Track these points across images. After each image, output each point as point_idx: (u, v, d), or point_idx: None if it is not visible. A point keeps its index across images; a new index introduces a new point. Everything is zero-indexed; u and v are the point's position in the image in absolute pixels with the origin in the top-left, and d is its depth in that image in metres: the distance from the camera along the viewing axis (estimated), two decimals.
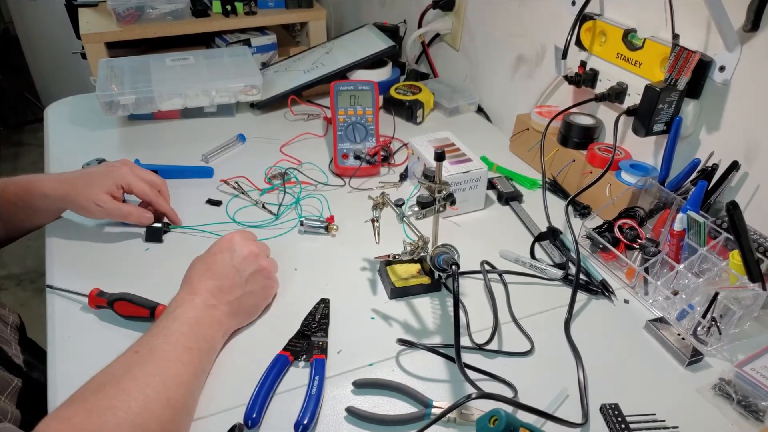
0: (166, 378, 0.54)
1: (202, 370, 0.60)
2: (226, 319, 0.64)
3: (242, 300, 0.66)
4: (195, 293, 0.63)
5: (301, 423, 0.56)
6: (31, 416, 0.65)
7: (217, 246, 0.68)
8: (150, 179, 0.82)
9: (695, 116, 0.80)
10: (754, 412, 0.60)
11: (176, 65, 1.19)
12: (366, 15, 1.77)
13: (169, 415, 0.52)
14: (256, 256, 0.69)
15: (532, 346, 0.68)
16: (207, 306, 0.63)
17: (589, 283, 0.77)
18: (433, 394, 0.60)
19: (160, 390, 0.53)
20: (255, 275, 0.68)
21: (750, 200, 0.76)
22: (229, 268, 0.66)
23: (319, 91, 1.25)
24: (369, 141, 1.00)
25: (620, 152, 0.90)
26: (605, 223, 0.82)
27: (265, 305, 0.71)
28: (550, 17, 1.03)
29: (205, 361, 0.61)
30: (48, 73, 2.84)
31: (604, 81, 0.92)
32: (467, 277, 0.78)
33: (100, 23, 1.52)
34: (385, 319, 0.71)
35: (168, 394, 0.53)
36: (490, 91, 1.26)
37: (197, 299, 0.63)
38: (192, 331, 0.60)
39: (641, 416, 0.59)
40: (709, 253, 0.71)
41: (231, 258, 0.67)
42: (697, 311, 0.67)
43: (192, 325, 0.60)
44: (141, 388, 0.52)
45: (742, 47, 0.72)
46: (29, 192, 0.76)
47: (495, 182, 0.96)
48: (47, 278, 0.75)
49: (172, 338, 0.58)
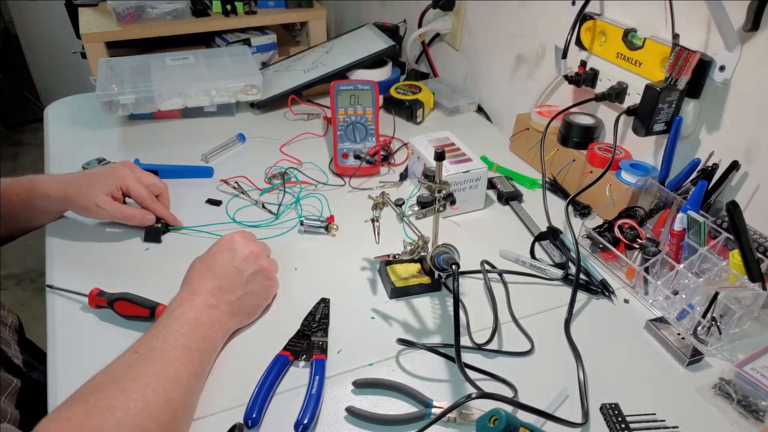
0: (166, 378, 0.54)
1: (202, 370, 0.60)
2: (227, 319, 0.64)
3: (243, 300, 0.66)
4: (195, 293, 0.63)
5: (301, 423, 0.56)
6: (30, 417, 0.65)
7: (217, 246, 0.68)
8: (150, 182, 0.82)
9: (695, 116, 0.80)
10: (755, 412, 0.60)
11: (176, 65, 1.19)
12: (366, 15, 1.77)
13: (168, 415, 0.52)
14: (256, 257, 0.68)
15: (532, 345, 0.68)
16: (207, 306, 0.63)
17: (589, 282, 0.77)
18: (433, 394, 0.60)
19: (160, 390, 0.53)
20: (255, 275, 0.67)
21: (750, 200, 0.76)
22: (229, 268, 0.66)
23: (319, 91, 1.24)
24: (369, 141, 1.00)
25: (620, 152, 0.90)
26: (605, 223, 0.82)
27: (265, 305, 0.71)
28: (550, 17, 1.03)
29: (205, 361, 0.61)
30: (48, 72, 2.84)
31: (604, 81, 0.92)
32: (467, 277, 0.78)
33: (100, 23, 1.52)
34: (385, 319, 0.71)
35: (167, 395, 0.53)
36: (490, 90, 1.26)
37: (197, 299, 0.62)
38: (192, 331, 0.60)
39: (641, 416, 0.59)
40: (709, 253, 0.71)
41: (231, 258, 0.67)
42: (697, 311, 0.67)
43: (192, 326, 0.60)
44: (140, 389, 0.52)
45: (742, 47, 0.72)
46: (31, 192, 0.76)
47: (495, 182, 0.96)
48: (47, 278, 0.75)
49: (172, 338, 0.58)
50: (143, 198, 0.80)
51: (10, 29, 3.24)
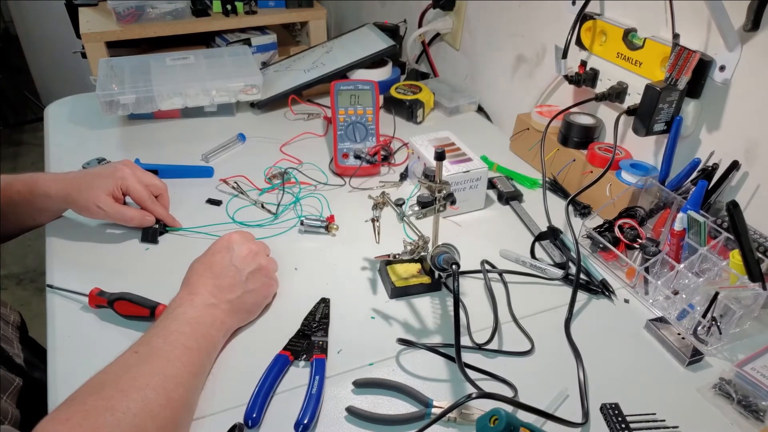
0: (166, 378, 0.54)
1: (202, 369, 0.60)
2: (227, 317, 0.64)
3: (242, 298, 0.66)
4: (195, 293, 0.63)
5: (301, 422, 0.56)
6: (32, 416, 0.65)
7: (215, 246, 0.69)
8: (150, 183, 0.82)
9: (695, 116, 0.80)
10: (755, 411, 0.60)
11: (176, 65, 1.19)
12: (366, 14, 1.77)
13: (168, 415, 0.52)
14: (255, 255, 0.69)
15: (532, 345, 0.68)
16: (207, 305, 0.63)
17: (590, 282, 0.77)
18: (433, 394, 0.60)
19: (160, 390, 0.53)
20: (255, 273, 0.67)
21: (750, 200, 0.76)
22: (228, 267, 0.66)
23: (319, 91, 1.24)
24: (369, 140, 1.00)
25: (620, 152, 0.90)
26: (605, 223, 0.82)
27: (265, 304, 0.70)
28: (550, 17, 1.03)
29: (205, 360, 0.61)
30: (48, 72, 2.84)
31: (604, 80, 0.92)
32: (467, 277, 0.78)
33: (100, 23, 1.52)
34: (386, 319, 0.71)
35: (167, 395, 0.53)
36: (490, 90, 1.26)
37: (197, 299, 0.62)
38: (192, 330, 0.60)
39: (641, 416, 0.59)
40: (710, 253, 0.71)
41: (230, 257, 0.67)
42: (698, 311, 0.67)
43: (192, 325, 0.60)
44: (140, 389, 0.52)
45: (742, 47, 0.72)
46: (32, 191, 0.77)
47: (495, 182, 0.96)
48: (47, 278, 0.75)
49: (172, 338, 0.58)
50: (143, 199, 0.80)
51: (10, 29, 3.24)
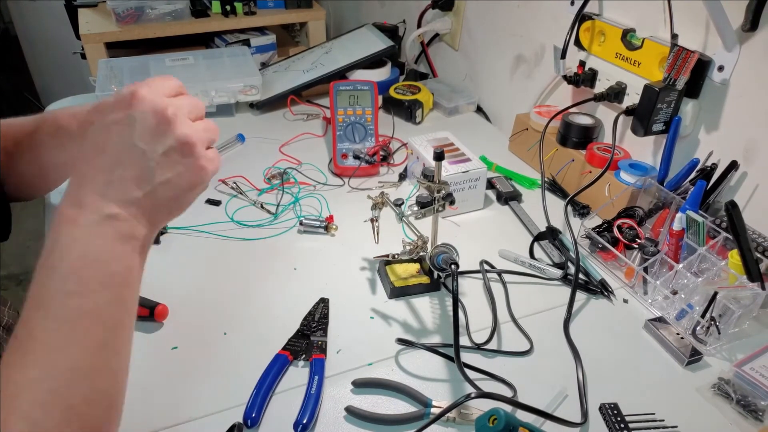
0: (58, 377, 0.39)
1: (119, 323, 0.44)
2: (137, 227, 0.44)
3: (155, 195, 0.44)
4: (80, 203, 0.42)
5: (300, 422, 0.56)
6: None
7: (112, 108, 0.44)
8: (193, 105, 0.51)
9: (694, 116, 0.80)
10: (753, 411, 0.60)
11: (176, 65, 1.19)
12: (365, 15, 1.77)
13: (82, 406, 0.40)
14: (168, 123, 0.43)
15: (531, 345, 0.68)
16: (99, 222, 0.42)
17: (589, 282, 0.77)
18: (432, 394, 0.60)
19: (47, 394, 0.38)
20: (169, 154, 0.44)
21: (749, 200, 0.76)
22: (129, 148, 0.43)
23: (318, 91, 1.25)
24: (368, 141, 1.00)
25: (619, 152, 0.90)
26: (604, 223, 0.82)
27: (194, 195, 0.48)
28: (549, 17, 1.03)
29: (118, 312, 0.44)
30: (48, 73, 2.84)
31: (603, 81, 0.92)
32: (466, 277, 0.78)
33: (100, 23, 1.52)
34: (385, 319, 0.71)
35: (68, 402, 0.39)
36: (489, 90, 1.26)
37: (83, 215, 0.42)
38: (81, 283, 0.41)
39: (640, 416, 0.59)
40: (708, 253, 0.71)
41: (131, 133, 0.43)
42: (696, 311, 0.67)
43: (80, 273, 0.41)
44: (29, 405, 0.38)
45: (740, 47, 0.72)
46: (61, 128, 0.68)
47: (494, 182, 0.96)
48: None
49: (55, 305, 0.40)
50: None
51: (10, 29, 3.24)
